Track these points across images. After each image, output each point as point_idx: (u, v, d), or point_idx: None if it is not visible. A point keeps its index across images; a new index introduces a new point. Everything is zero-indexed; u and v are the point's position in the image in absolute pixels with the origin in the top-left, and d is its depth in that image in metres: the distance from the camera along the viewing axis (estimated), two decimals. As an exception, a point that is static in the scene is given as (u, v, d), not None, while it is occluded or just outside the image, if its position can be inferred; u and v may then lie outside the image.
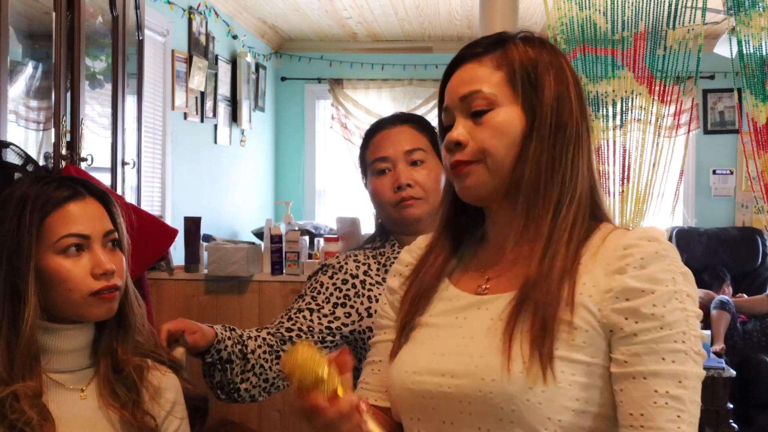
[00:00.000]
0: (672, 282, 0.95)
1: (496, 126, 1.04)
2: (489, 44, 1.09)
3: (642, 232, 0.99)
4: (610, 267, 0.97)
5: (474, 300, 1.06)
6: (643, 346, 0.93)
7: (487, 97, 1.05)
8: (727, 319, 4.93)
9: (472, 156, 1.05)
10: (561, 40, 3.49)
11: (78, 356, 1.30)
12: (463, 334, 1.02)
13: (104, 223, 1.31)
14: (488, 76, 1.06)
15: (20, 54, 2.64)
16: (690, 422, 0.92)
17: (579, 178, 1.05)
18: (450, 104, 1.09)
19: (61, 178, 1.34)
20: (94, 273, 1.26)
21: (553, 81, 1.06)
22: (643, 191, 3.50)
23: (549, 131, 1.04)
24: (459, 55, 1.11)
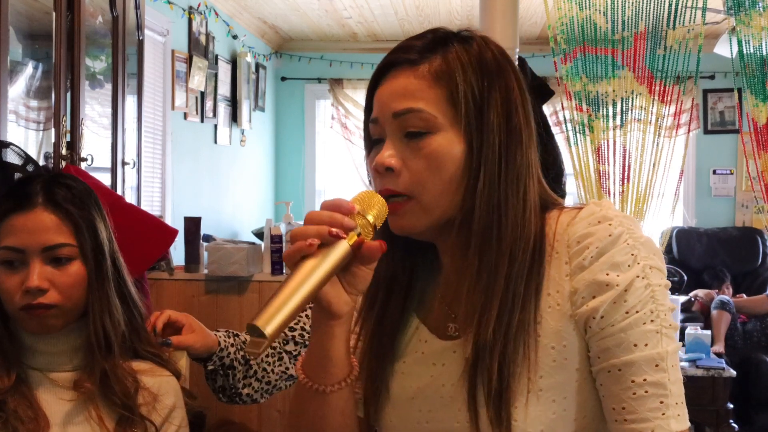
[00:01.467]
0: (632, 259, 0.89)
1: (435, 155, 0.91)
2: (425, 48, 0.95)
3: (589, 215, 0.91)
4: (569, 266, 0.91)
5: (446, 345, 0.97)
6: (613, 338, 0.88)
7: (426, 119, 0.92)
8: (727, 319, 4.93)
9: (405, 188, 0.92)
10: (561, 40, 3.49)
11: (67, 357, 1.30)
12: (444, 382, 0.96)
13: (48, 236, 1.25)
14: (426, 90, 0.92)
15: (20, 54, 2.64)
16: (675, 404, 0.88)
17: (532, 210, 0.93)
18: (380, 117, 0.95)
19: (24, 183, 1.31)
20: (22, 288, 1.24)
21: (499, 97, 0.93)
22: (643, 191, 3.50)
23: (498, 163, 0.92)
24: (390, 59, 0.96)
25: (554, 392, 0.90)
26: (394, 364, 1.01)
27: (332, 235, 0.85)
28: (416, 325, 1.02)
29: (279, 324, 0.81)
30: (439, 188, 0.92)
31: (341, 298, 0.90)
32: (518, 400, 0.90)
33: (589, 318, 0.89)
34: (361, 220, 0.89)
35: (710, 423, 3.77)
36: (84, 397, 1.27)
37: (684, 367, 3.68)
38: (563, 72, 3.52)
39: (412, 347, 1.01)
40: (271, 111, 6.66)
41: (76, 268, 1.27)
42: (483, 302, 0.91)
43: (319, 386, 0.94)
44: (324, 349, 0.93)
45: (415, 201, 0.93)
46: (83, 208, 1.29)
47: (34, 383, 1.28)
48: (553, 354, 0.90)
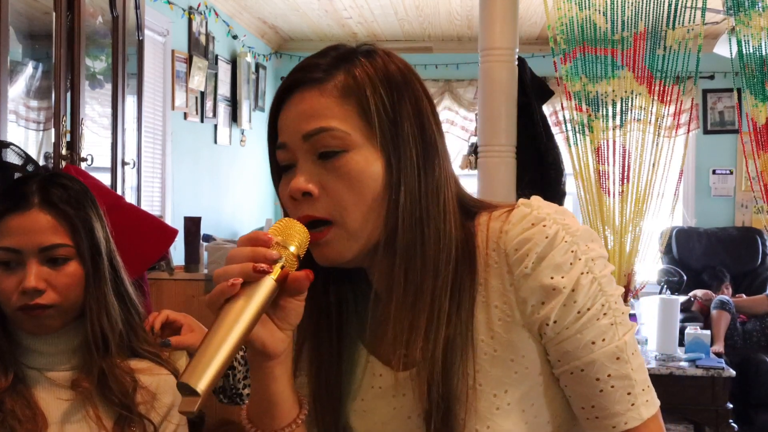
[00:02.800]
0: (572, 256, 0.86)
1: (352, 173, 0.86)
2: (329, 66, 0.90)
3: (521, 217, 0.88)
4: (512, 276, 0.87)
5: (402, 376, 0.91)
6: (570, 341, 0.87)
7: (339, 136, 0.87)
8: (727, 319, 4.93)
9: (326, 212, 0.87)
10: (561, 40, 3.49)
11: (65, 357, 1.30)
12: (409, 414, 0.92)
13: (45, 237, 1.25)
14: (335, 108, 0.88)
15: (20, 54, 2.64)
16: (641, 390, 0.88)
17: (452, 222, 0.90)
18: (289, 142, 0.89)
19: (20, 183, 1.30)
20: (19, 289, 1.24)
21: (410, 108, 0.90)
22: (642, 191, 3.50)
23: (418, 175, 0.88)
24: (292, 80, 0.91)
25: (522, 402, 0.89)
26: (353, 403, 0.96)
27: (257, 271, 0.79)
28: (366, 357, 0.96)
29: (211, 378, 0.75)
30: (361, 209, 0.87)
31: (275, 336, 0.85)
32: (487, 418, 0.88)
33: (542, 324, 0.87)
34: (283, 251, 0.83)
35: (710, 423, 3.77)
36: (82, 396, 1.27)
37: (684, 367, 3.69)
38: (563, 72, 3.52)
39: (367, 382, 0.96)
40: (271, 111, 6.66)
41: (72, 268, 1.27)
42: (410, 321, 0.87)
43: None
44: (267, 393, 0.88)
45: (337, 227, 0.87)
46: (79, 208, 1.29)
47: (31, 383, 1.28)
48: (513, 366, 0.89)
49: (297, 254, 0.84)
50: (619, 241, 3.47)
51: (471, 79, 6.38)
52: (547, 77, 4.76)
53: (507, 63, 2.76)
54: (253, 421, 0.90)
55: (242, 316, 0.78)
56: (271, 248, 0.82)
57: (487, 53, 2.75)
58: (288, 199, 0.89)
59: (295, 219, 0.87)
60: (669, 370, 3.65)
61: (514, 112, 2.79)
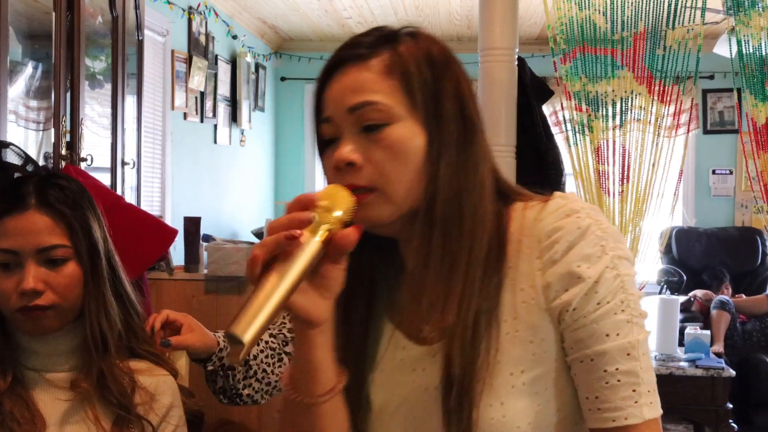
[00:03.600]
0: (600, 250, 0.90)
1: (395, 145, 0.91)
2: (373, 44, 0.95)
3: (556, 208, 0.92)
4: (541, 261, 0.91)
5: (424, 350, 0.96)
6: (585, 329, 0.89)
7: (383, 110, 0.91)
8: (727, 319, 4.93)
9: (368, 181, 0.90)
10: (561, 40, 3.49)
11: (64, 358, 1.30)
12: (427, 386, 0.95)
13: (42, 238, 1.25)
14: (379, 83, 0.92)
15: (20, 54, 2.64)
16: (647, 392, 0.89)
17: (489, 197, 0.94)
18: (334, 115, 0.93)
19: (16, 184, 1.30)
20: (17, 290, 1.24)
21: (451, 87, 0.94)
22: (642, 191, 3.50)
23: (456, 150, 0.93)
24: (338, 57, 0.96)
25: (536, 385, 0.91)
26: (373, 374, 0.99)
27: (289, 238, 0.81)
28: (391, 331, 1.00)
29: (257, 330, 0.78)
30: (402, 178, 0.91)
31: (318, 305, 0.87)
32: (501, 395, 0.91)
33: (562, 311, 0.90)
34: (328, 216, 0.85)
35: (710, 423, 3.77)
36: (81, 397, 1.27)
37: (683, 367, 3.68)
38: (563, 72, 3.52)
39: (390, 355, 0.99)
40: (270, 111, 6.66)
41: (71, 268, 1.27)
42: (446, 289, 0.91)
43: (309, 399, 0.91)
44: (309, 360, 0.90)
45: (378, 192, 0.91)
46: (76, 208, 1.29)
47: (30, 384, 1.28)
48: (532, 348, 0.91)
49: (342, 220, 0.86)
50: (619, 241, 3.46)
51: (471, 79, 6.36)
52: (547, 77, 4.76)
53: (507, 63, 2.76)
54: (294, 387, 0.92)
55: (286, 277, 0.81)
56: (315, 210, 0.84)
57: (487, 53, 2.75)
58: (332, 170, 0.93)
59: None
60: (669, 370, 3.65)
61: (513, 112, 2.79)
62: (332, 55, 0.97)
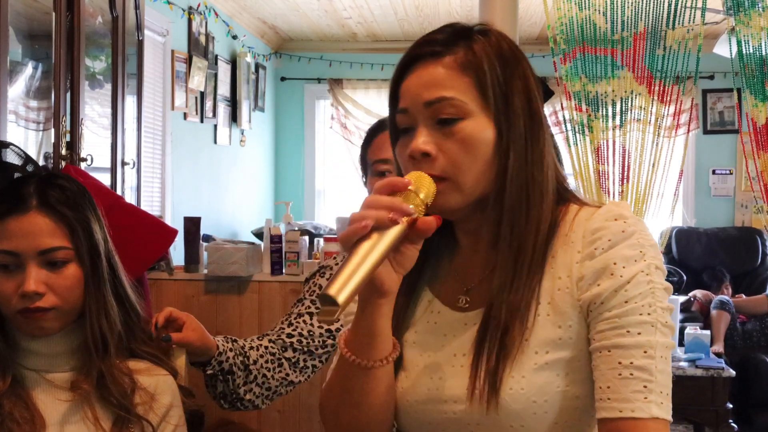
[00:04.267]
0: (639, 255, 0.95)
1: (468, 138, 0.97)
2: (447, 41, 1.01)
3: (607, 212, 0.98)
4: (580, 254, 0.97)
5: (459, 316, 1.03)
6: (608, 322, 0.93)
7: (458, 105, 0.97)
8: (727, 319, 4.93)
9: (441, 171, 0.97)
10: (561, 40, 3.49)
11: (64, 359, 1.30)
12: (455, 352, 1.01)
13: (44, 240, 1.25)
14: (454, 79, 0.98)
15: (20, 54, 2.64)
16: (659, 392, 0.91)
17: (551, 185, 1.02)
18: (411, 107, 1.00)
19: (17, 185, 1.30)
20: (18, 292, 1.24)
21: (520, 84, 1.00)
22: (642, 191, 3.50)
23: (525, 144, 0.99)
24: (414, 53, 1.02)
25: (558, 368, 0.96)
26: (406, 333, 1.06)
27: (391, 221, 0.90)
28: (429, 298, 1.07)
29: (350, 293, 0.86)
30: (473, 170, 0.97)
31: (392, 277, 0.95)
32: (524, 369, 0.95)
33: (591, 303, 0.95)
34: (414, 198, 0.94)
35: (710, 423, 3.77)
36: (80, 397, 1.27)
37: (683, 367, 3.69)
38: (563, 72, 3.52)
39: (425, 318, 1.06)
40: (270, 111, 6.66)
41: (72, 270, 1.27)
42: (514, 271, 0.98)
43: (367, 362, 0.98)
44: (372, 326, 0.97)
45: (450, 181, 0.97)
46: (77, 210, 1.29)
47: (30, 384, 1.28)
48: (560, 332, 0.96)
49: (425, 202, 0.95)
50: (619, 241, 3.46)
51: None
52: (547, 77, 4.77)
53: (507, 63, 2.75)
54: (352, 349, 0.99)
55: (375, 250, 0.89)
56: (405, 192, 0.93)
57: (487, 53, 2.75)
58: (407, 158, 1.00)
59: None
60: (669, 370, 3.65)
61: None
62: (408, 50, 1.03)
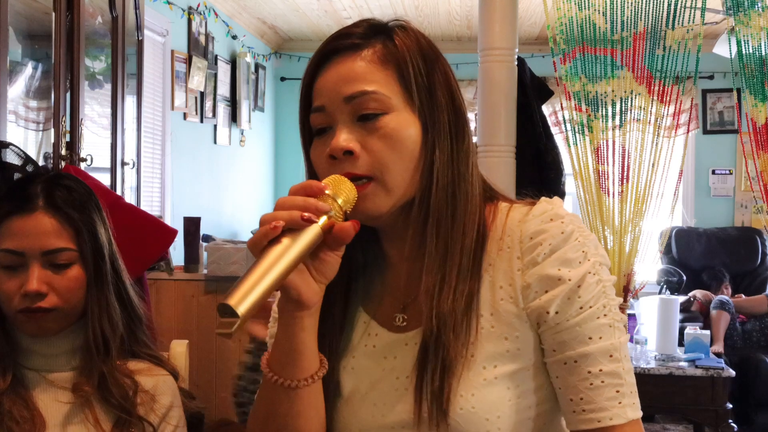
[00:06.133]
0: (583, 257, 0.91)
1: (393, 134, 0.91)
2: (366, 34, 0.96)
3: (542, 213, 0.93)
4: (521, 261, 0.92)
5: (397, 338, 0.97)
6: (568, 332, 0.90)
7: (380, 100, 0.91)
8: (726, 319, 4.93)
9: (366, 170, 0.90)
10: (560, 40, 3.49)
11: (65, 359, 1.30)
12: (398, 375, 0.95)
13: (48, 240, 1.24)
14: (375, 73, 0.92)
15: (20, 54, 2.64)
16: (629, 393, 0.91)
17: (477, 186, 0.96)
18: (328, 104, 0.93)
19: (24, 184, 1.29)
20: (21, 291, 1.24)
21: (442, 79, 0.95)
22: (642, 191, 3.50)
23: (450, 141, 0.94)
24: (331, 47, 0.95)
25: (509, 381, 0.92)
26: (345, 360, 0.99)
27: (305, 220, 0.83)
28: (365, 320, 1.01)
29: (252, 304, 0.78)
30: (400, 167, 0.91)
31: (311, 287, 0.88)
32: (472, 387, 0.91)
33: (542, 312, 0.91)
34: (332, 203, 0.86)
35: (709, 423, 3.77)
36: (81, 398, 1.27)
37: (683, 367, 3.69)
38: (562, 72, 3.52)
39: (362, 342, 1.00)
40: (270, 111, 6.66)
41: (75, 271, 1.27)
42: (442, 275, 0.92)
43: (290, 382, 0.91)
44: (294, 342, 0.90)
45: (376, 182, 0.91)
46: (83, 212, 1.29)
47: (30, 384, 1.28)
48: (507, 344, 0.92)
49: (344, 209, 0.88)
50: (619, 241, 3.47)
51: (470, 79, 6.37)
52: (547, 77, 4.76)
53: (506, 63, 2.76)
54: (274, 370, 0.92)
55: (286, 255, 0.81)
56: (320, 197, 0.85)
57: (487, 53, 2.75)
58: (326, 159, 0.92)
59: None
60: (669, 370, 3.65)
61: (513, 112, 2.79)
62: (322, 44, 0.96)
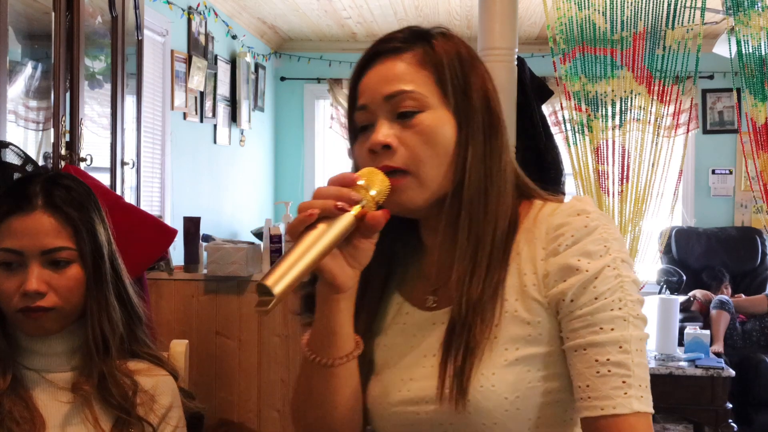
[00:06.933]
0: (604, 250, 0.94)
1: (428, 130, 0.97)
2: (407, 39, 1.02)
3: (570, 207, 0.98)
4: (545, 251, 0.97)
5: (427, 316, 1.03)
6: (580, 320, 0.93)
7: (416, 98, 0.98)
8: (726, 319, 4.93)
9: (402, 163, 0.97)
10: (560, 40, 3.49)
11: (65, 359, 1.30)
12: (425, 352, 1.01)
13: (47, 240, 1.25)
14: (413, 74, 0.99)
15: (20, 54, 2.64)
16: (638, 386, 0.91)
17: (510, 182, 1.02)
18: (370, 103, 1.00)
19: (23, 183, 1.29)
20: (20, 291, 1.23)
21: (479, 82, 1.01)
22: (642, 191, 3.50)
23: (483, 139, 1.00)
24: (374, 50, 1.02)
25: (529, 363, 0.95)
26: (377, 338, 1.06)
27: (338, 209, 0.89)
28: (399, 301, 1.07)
29: (287, 284, 0.84)
30: (434, 162, 0.97)
31: (345, 272, 0.94)
32: (493, 366, 0.95)
33: (559, 300, 0.95)
34: (365, 193, 0.92)
35: (709, 422, 3.77)
36: (81, 398, 1.27)
37: (683, 367, 3.69)
38: (562, 72, 3.52)
39: (395, 320, 1.06)
40: (270, 111, 6.66)
41: (74, 271, 1.27)
42: (473, 264, 0.97)
43: (327, 360, 0.98)
44: (330, 323, 0.97)
45: (412, 176, 0.97)
46: (83, 211, 1.29)
47: (30, 384, 1.28)
48: (528, 329, 0.96)
49: (376, 200, 0.94)
50: (619, 241, 3.46)
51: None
52: (547, 77, 4.76)
53: (506, 63, 2.76)
54: (313, 349, 0.99)
55: (320, 241, 0.88)
56: (354, 188, 0.92)
57: (487, 53, 2.75)
58: (366, 153, 0.99)
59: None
60: (668, 369, 3.65)
61: (513, 112, 2.79)
62: (368, 48, 1.03)
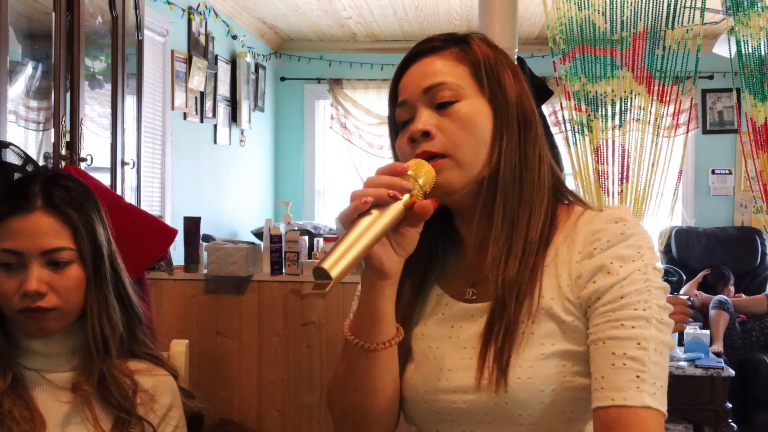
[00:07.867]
0: (637, 255, 0.97)
1: (465, 118, 1.03)
2: (447, 40, 1.08)
3: (608, 215, 1.01)
4: (581, 254, 1.00)
5: (465, 308, 1.06)
6: (604, 316, 0.96)
7: (453, 88, 1.04)
8: (726, 319, 4.93)
9: (441, 148, 1.02)
10: (560, 40, 3.50)
11: (65, 359, 1.30)
12: (464, 343, 1.04)
13: (48, 240, 1.25)
14: (451, 68, 1.05)
15: (20, 54, 2.65)
16: (652, 383, 0.92)
17: (546, 175, 1.07)
18: (410, 98, 1.06)
19: (22, 184, 1.29)
20: (20, 291, 1.24)
21: (512, 79, 1.07)
22: (642, 191, 3.50)
23: (517, 128, 1.05)
24: (415, 51, 1.09)
25: (564, 358, 0.98)
26: (416, 328, 1.09)
27: (390, 197, 0.94)
28: (439, 293, 1.11)
29: (344, 267, 0.88)
30: (471, 147, 1.02)
31: (391, 259, 0.98)
32: (530, 359, 0.98)
33: (588, 299, 0.98)
34: (414, 183, 0.97)
35: (709, 422, 3.78)
36: (81, 398, 1.27)
37: (683, 367, 3.69)
38: (562, 72, 3.52)
39: (434, 312, 1.09)
40: (270, 111, 6.66)
41: (74, 271, 1.27)
42: (508, 246, 1.02)
43: (369, 344, 1.01)
44: (374, 308, 1.00)
45: (450, 159, 1.02)
46: (82, 211, 1.29)
47: (30, 384, 1.28)
48: (563, 327, 0.99)
49: (424, 189, 0.99)
50: (619, 241, 3.46)
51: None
52: (547, 77, 4.77)
53: (506, 63, 2.75)
54: (355, 333, 1.03)
55: (373, 227, 0.93)
56: (404, 177, 0.97)
57: (487, 53, 2.75)
58: (406, 144, 1.05)
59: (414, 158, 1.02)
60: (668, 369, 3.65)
61: (513, 112, 2.78)
62: (410, 50, 1.09)
